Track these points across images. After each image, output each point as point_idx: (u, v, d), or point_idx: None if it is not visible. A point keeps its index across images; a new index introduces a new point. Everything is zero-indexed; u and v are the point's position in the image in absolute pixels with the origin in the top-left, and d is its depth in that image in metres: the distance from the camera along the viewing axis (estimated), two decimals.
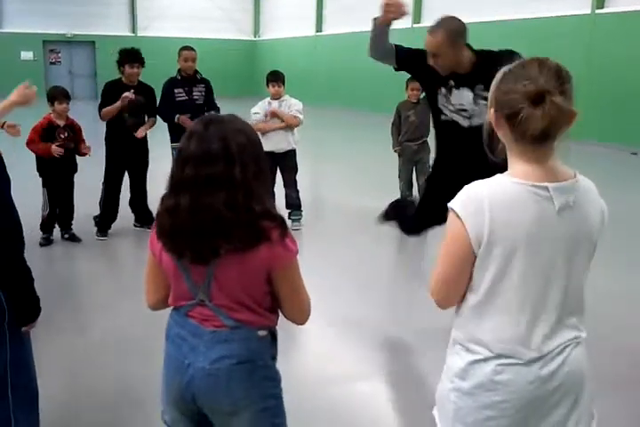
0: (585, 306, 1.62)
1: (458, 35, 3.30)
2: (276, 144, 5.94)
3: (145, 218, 5.89)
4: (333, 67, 20.83)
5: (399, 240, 5.47)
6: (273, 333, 1.78)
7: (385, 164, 7.38)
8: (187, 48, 5.99)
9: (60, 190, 5.49)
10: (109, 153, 5.71)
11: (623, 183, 8.26)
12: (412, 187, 6.60)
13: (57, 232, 5.63)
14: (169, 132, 6.01)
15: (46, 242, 5.48)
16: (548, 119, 1.42)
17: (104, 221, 5.78)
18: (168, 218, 1.64)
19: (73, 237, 5.63)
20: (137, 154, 5.75)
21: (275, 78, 6.13)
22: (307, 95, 10.41)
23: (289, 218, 5.97)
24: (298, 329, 2.10)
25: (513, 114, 1.46)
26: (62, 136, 5.35)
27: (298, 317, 1.78)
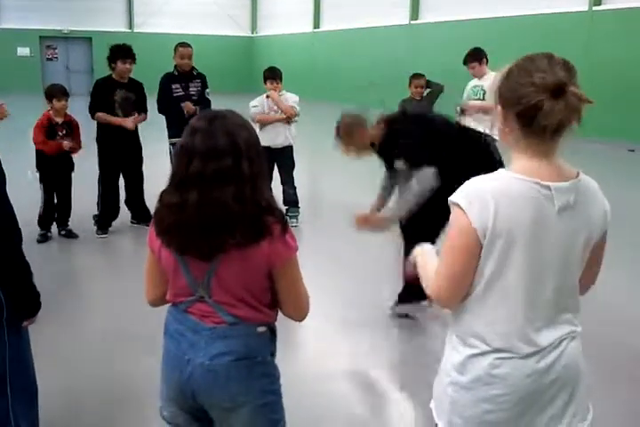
0: (580, 303, 1.62)
1: (352, 126, 3.69)
2: (274, 139, 5.94)
3: (142, 215, 5.88)
4: (331, 63, 20.81)
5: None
6: (272, 329, 1.79)
7: None
8: (183, 45, 5.95)
9: (58, 187, 5.51)
10: (102, 153, 5.66)
11: (620, 180, 8.27)
12: None
13: (54, 229, 5.63)
14: (167, 127, 6.00)
15: (44, 238, 5.49)
16: (571, 110, 1.41)
17: (104, 219, 5.77)
18: (172, 214, 1.62)
19: (70, 233, 5.64)
20: (130, 151, 5.72)
21: (272, 75, 6.12)
22: (304, 91, 10.38)
23: (286, 215, 5.98)
24: (296, 325, 2.10)
25: (529, 108, 1.42)
26: (61, 133, 5.37)
27: (296, 313, 1.78)
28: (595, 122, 1.95)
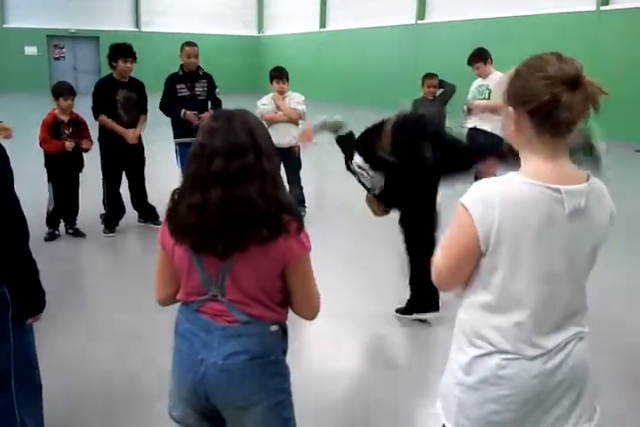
0: (587, 304, 1.62)
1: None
2: (282, 138, 5.93)
3: (148, 214, 5.91)
4: (337, 63, 20.81)
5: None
6: (283, 327, 1.79)
7: None
8: (189, 44, 5.95)
9: (66, 186, 5.52)
10: (105, 153, 5.66)
11: (627, 181, 8.24)
12: None
13: (62, 228, 5.66)
14: (172, 127, 6.00)
15: (51, 237, 5.52)
16: (589, 102, 1.41)
17: (110, 218, 5.80)
18: (194, 214, 1.60)
19: (77, 231, 5.66)
20: (132, 152, 5.71)
21: (279, 75, 6.12)
22: (310, 91, 10.40)
23: None
24: (306, 324, 2.11)
25: (544, 103, 1.41)
26: (67, 132, 5.38)
27: (307, 312, 1.79)
28: (601, 122, 1.95)
